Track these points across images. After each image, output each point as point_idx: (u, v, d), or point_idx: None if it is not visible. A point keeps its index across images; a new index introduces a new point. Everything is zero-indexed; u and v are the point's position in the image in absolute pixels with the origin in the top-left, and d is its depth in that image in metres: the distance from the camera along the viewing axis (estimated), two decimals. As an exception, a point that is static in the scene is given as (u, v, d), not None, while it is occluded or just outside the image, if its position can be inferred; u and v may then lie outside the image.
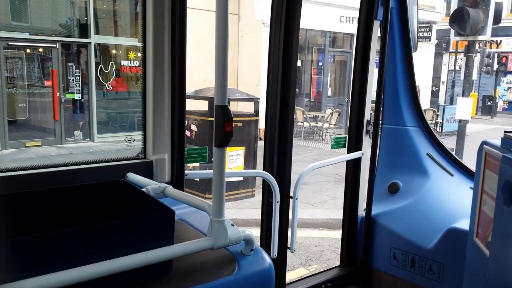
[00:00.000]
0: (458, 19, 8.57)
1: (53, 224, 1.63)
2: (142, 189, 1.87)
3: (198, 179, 7.52)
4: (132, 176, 2.15)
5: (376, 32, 3.28)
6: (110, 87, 13.79)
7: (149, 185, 1.95)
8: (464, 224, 2.55)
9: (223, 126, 1.47)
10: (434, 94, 27.71)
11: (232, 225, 1.56)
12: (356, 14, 3.48)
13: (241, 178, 7.93)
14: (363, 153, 3.38)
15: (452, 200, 3.05)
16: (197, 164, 6.07)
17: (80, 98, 13.30)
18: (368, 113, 3.41)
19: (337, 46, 19.22)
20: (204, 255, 1.63)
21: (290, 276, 4.22)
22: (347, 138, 3.43)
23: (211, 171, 1.55)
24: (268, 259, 1.73)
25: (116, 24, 15.30)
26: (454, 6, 9.07)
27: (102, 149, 12.47)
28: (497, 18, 8.71)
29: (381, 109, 3.35)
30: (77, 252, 1.32)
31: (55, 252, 1.29)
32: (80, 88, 13.16)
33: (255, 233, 1.95)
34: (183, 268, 1.57)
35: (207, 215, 1.60)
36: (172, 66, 2.26)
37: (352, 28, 16.59)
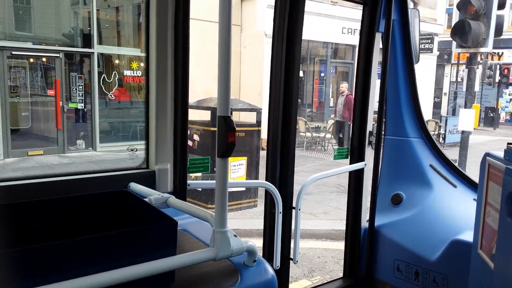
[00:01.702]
0: (460, 31, 8.60)
1: (55, 234, 1.62)
2: (145, 199, 1.86)
3: (200, 189, 7.51)
4: (135, 186, 2.14)
5: (378, 44, 3.29)
6: (112, 96, 13.85)
7: (152, 195, 1.94)
8: (468, 236, 2.54)
9: (225, 137, 1.47)
10: (436, 106, 27.72)
11: (235, 235, 1.55)
12: (358, 26, 3.50)
13: (243, 188, 7.92)
14: (365, 164, 3.38)
15: (456, 211, 3.04)
16: (199, 174, 6.06)
17: (83, 108, 13.36)
18: (371, 124, 3.41)
19: (339, 57, 19.29)
20: (207, 266, 1.63)
21: (292, 288, 4.19)
22: (349, 149, 3.42)
23: (214, 181, 1.55)
24: (270, 270, 1.72)
25: (119, 34, 15.42)
26: (455, 18, 9.10)
27: (104, 158, 12.49)
28: (499, 30, 8.74)
29: (384, 120, 3.36)
30: (78, 262, 1.32)
31: (56, 262, 1.29)
32: (83, 98, 13.22)
33: (258, 243, 1.94)
34: (186, 279, 1.56)
35: (210, 225, 1.60)
36: (175, 76, 2.26)
37: (354, 39, 16.68)
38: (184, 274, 1.56)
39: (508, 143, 1.95)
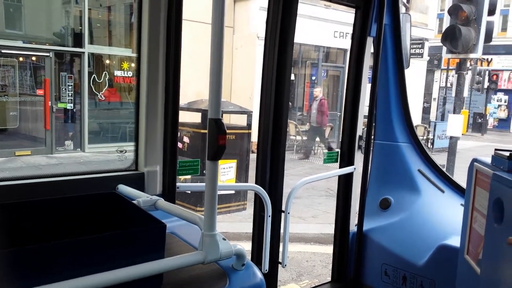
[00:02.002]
0: (450, 36, 8.68)
1: (42, 236, 1.60)
2: (133, 202, 1.85)
3: (189, 192, 7.47)
4: (123, 188, 2.13)
5: (369, 48, 3.31)
6: (102, 97, 13.75)
7: (140, 198, 1.93)
8: (455, 241, 2.56)
9: (216, 139, 1.46)
10: (426, 111, 27.94)
11: (224, 239, 1.55)
12: (349, 30, 3.52)
13: (232, 191, 7.90)
14: (355, 168, 3.39)
15: (443, 216, 3.06)
16: (188, 176, 6.04)
17: (72, 108, 13.24)
18: (361, 129, 3.42)
19: (331, 60, 19.37)
20: (195, 269, 1.62)
21: (280, 291, 4.18)
22: (339, 153, 3.44)
23: (203, 184, 1.54)
24: (259, 274, 1.72)
25: (111, 34, 15.32)
26: (446, 24, 9.19)
27: (92, 159, 12.38)
28: (489, 36, 8.84)
29: (373, 124, 3.37)
30: (64, 265, 1.30)
31: (41, 264, 1.27)
32: (72, 98, 13.11)
33: (246, 247, 1.93)
34: (174, 282, 1.55)
35: (199, 228, 1.59)
36: (166, 77, 2.25)
37: (346, 43, 16.75)
38: (172, 278, 1.55)
39: (496, 149, 1.97)
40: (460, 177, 3.16)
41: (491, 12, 8.75)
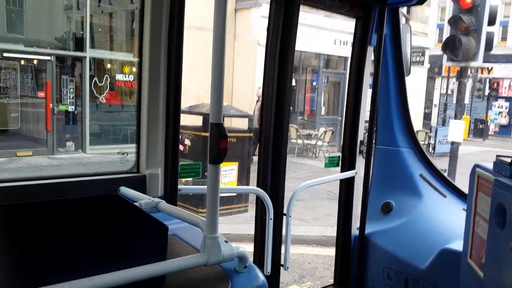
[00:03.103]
0: (451, 46, 8.69)
1: (43, 238, 1.60)
2: (135, 204, 1.85)
3: (191, 194, 7.48)
4: (125, 190, 2.13)
5: (370, 56, 3.32)
6: (103, 100, 13.79)
7: (142, 200, 1.93)
8: (457, 245, 2.55)
9: (218, 143, 1.46)
10: (427, 117, 27.95)
11: (226, 241, 1.55)
12: (350, 38, 3.53)
13: (234, 193, 7.91)
14: (356, 173, 3.39)
15: (445, 221, 3.06)
16: (190, 178, 6.04)
17: (73, 110, 13.28)
18: (362, 134, 3.43)
19: (331, 67, 19.42)
20: (197, 271, 1.61)
21: (281, 295, 4.17)
22: (340, 157, 3.44)
23: (205, 186, 1.54)
24: (261, 277, 1.71)
25: (112, 39, 15.38)
26: (446, 33, 9.19)
27: (93, 160, 12.39)
28: (489, 45, 8.85)
29: (375, 129, 3.38)
30: (66, 266, 1.30)
31: (42, 266, 1.27)
32: (73, 100, 13.16)
33: (248, 248, 1.93)
34: (176, 284, 1.54)
35: (201, 231, 1.59)
36: (168, 81, 2.26)
37: (346, 51, 16.77)
38: (174, 280, 1.55)
39: (497, 155, 1.98)
40: (462, 181, 3.16)
41: (491, 22, 8.75)
